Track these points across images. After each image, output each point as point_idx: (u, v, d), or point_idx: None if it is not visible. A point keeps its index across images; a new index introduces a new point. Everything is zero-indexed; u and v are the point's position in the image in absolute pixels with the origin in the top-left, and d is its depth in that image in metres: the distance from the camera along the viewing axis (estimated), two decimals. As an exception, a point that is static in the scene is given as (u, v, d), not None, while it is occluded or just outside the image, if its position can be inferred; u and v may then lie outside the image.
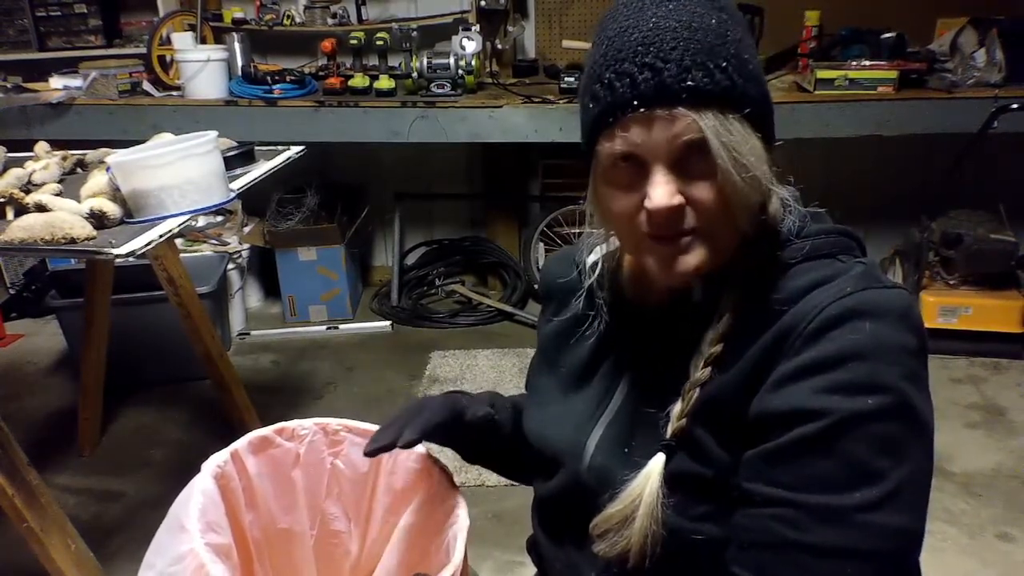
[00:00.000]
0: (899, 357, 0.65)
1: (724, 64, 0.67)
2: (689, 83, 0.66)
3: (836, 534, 0.63)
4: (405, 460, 0.93)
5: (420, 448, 0.93)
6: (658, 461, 0.73)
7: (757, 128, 0.70)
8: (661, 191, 0.68)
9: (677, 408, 0.74)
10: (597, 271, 0.88)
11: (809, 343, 0.66)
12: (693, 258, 0.72)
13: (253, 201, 3.41)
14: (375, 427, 0.94)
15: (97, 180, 1.70)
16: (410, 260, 3.80)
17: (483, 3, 3.21)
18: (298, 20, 3.33)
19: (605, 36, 0.72)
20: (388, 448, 0.84)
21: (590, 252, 0.90)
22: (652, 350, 0.82)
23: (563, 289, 0.94)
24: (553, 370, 0.92)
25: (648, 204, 0.69)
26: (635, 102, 0.68)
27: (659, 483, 0.72)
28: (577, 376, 0.88)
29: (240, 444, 0.89)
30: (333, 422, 0.95)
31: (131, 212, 1.63)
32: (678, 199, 0.69)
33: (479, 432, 0.93)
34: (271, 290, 3.64)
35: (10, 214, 1.63)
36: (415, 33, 3.03)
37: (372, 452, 0.84)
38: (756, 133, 0.70)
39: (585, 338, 0.89)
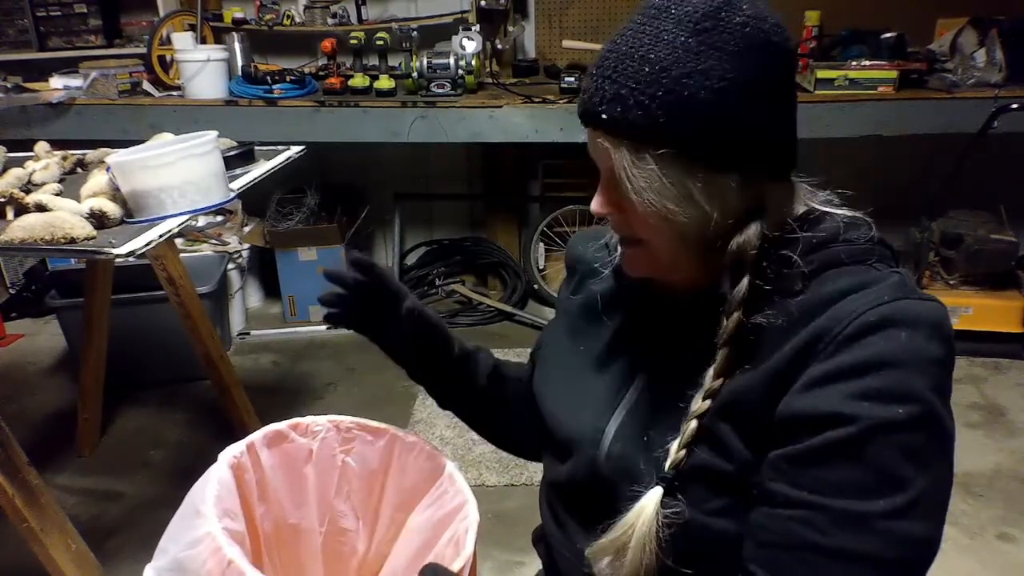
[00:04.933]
0: (930, 368, 0.65)
1: (647, 101, 0.68)
2: (604, 115, 0.70)
3: (857, 539, 0.63)
4: (415, 459, 0.93)
5: (429, 444, 0.93)
6: (653, 496, 0.73)
7: (710, 162, 0.69)
8: (595, 199, 0.77)
9: (675, 444, 0.74)
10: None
11: (842, 348, 0.66)
12: (639, 264, 0.79)
13: (253, 201, 3.41)
14: (386, 426, 0.94)
15: (97, 180, 1.70)
16: (410, 260, 3.80)
17: (483, 3, 3.21)
18: (298, 20, 3.33)
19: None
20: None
21: None
22: (676, 338, 0.81)
23: (589, 265, 0.94)
24: (574, 347, 0.91)
25: None
26: (581, 116, 0.74)
27: (652, 517, 0.72)
28: (599, 358, 0.87)
29: (256, 437, 0.90)
30: (346, 420, 0.95)
31: (131, 212, 1.63)
32: (605, 208, 0.76)
33: (456, 367, 0.96)
34: (271, 290, 3.64)
35: (10, 214, 1.63)
36: (415, 33, 3.03)
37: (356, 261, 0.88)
38: (698, 168, 0.69)
39: (610, 321, 0.88)
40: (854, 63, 2.80)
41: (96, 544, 1.79)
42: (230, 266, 3.28)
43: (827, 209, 0.77)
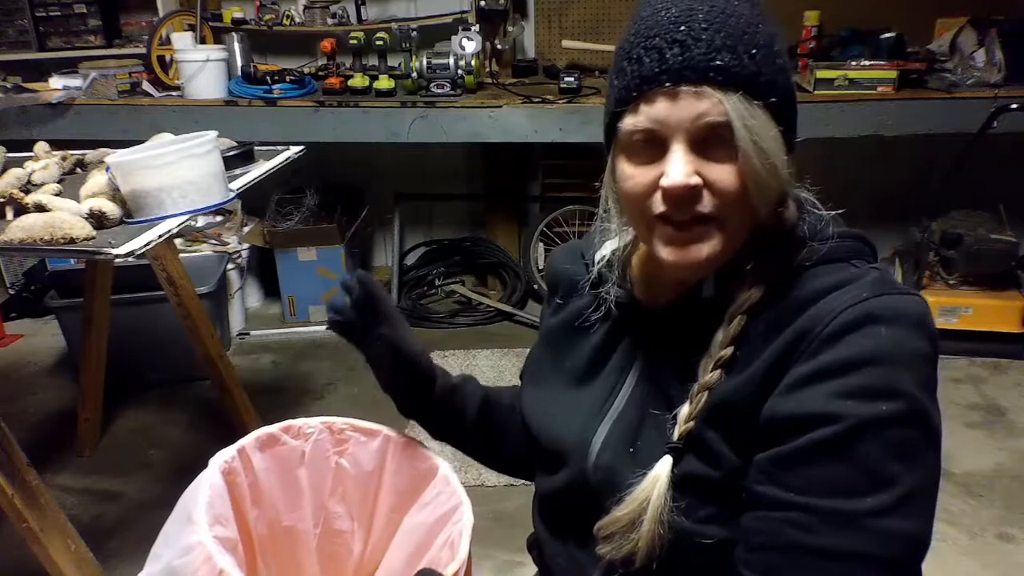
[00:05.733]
0: (914, 364, 0.65)
1: (753, 51, 0.68)
2: (717, 62, 0.67)
3: (847, 538, 0.63)
4: (410, 460, 0.93)
5: (423, 445, 0.93)
6: (665, 464, 0.73)
7: (779, 122, 0.70)
8: (678, 168, 0.68)
9: (685, 410, 0.73)
10: (608, 265, 0.87)
11: (825, 346, 0.66)
12: (706, 247, 0.71)
13: (253, 201, 3.41)
14: (380, 427, 0.94)
15: (97, 180, 1.70)
16: (410, 260, 3.80)
17: (483, 3, 3.21)
18: (298, 20, 3.33)
19: (639, 17, 0.73)
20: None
21: (600, 246, 0.89)
22: (660, 348, 0.81)
23: (569, 281, 0.94)
24: (558, 363, 0.91)
25: (664, 181, 0.69)
26: (663, 76, 0.68)
27: (666, 486, 0.72)
28: (583, 371, 0.88)
29: (247, 441, 0.89)
30: (339, 421, 0.95)
31: (131, 212, 1.63)
32: (695, 179, 0.68)
33: (443, 402, 0.95)
34: (271, 290, 3.64)
35: (10, 214, 1.63)
36: (415, 33, 3.03)
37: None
38: (778, 126, 0.70)
39: (592, 333, 0.88)
40: (854, 63, 2.80)
41: (96, 544, 1.79)
42: (230, 266, 3.28)
43: (808, 206, 0.78)
